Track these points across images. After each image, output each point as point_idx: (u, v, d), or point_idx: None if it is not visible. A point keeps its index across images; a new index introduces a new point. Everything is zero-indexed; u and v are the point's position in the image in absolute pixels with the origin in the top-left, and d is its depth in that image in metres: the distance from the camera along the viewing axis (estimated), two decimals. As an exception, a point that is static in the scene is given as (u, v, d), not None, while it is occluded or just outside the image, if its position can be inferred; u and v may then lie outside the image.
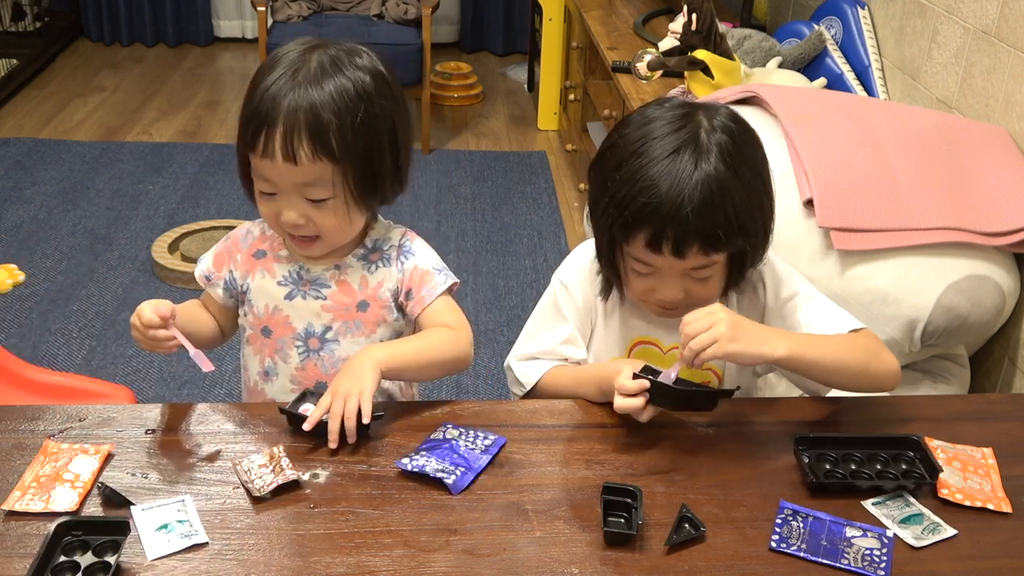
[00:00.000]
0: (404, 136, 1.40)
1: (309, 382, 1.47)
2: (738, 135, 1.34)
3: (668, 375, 1.31)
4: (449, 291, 1.48)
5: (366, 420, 1.29)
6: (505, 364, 1.55)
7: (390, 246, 1.49)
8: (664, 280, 1.37)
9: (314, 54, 1.35)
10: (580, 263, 1.53)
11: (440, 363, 1.44)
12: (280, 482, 1.22)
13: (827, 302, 1.46)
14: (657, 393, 1.31)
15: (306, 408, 1.33)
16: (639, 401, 1.31)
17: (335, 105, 1.31)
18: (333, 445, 1.28)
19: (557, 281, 1.53)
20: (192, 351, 1.33)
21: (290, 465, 1.24)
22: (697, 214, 1.28)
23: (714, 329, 1.26)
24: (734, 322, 1.28)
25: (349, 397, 1.29)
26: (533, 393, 1.49)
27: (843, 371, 1.35)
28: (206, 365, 1.32)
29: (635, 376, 1.31)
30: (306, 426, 1.28)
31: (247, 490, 1.22)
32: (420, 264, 1.48)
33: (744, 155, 1.33)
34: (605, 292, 1.48)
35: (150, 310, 1.32)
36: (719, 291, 1.41)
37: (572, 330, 1.50)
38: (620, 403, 1.32)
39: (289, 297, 1.46)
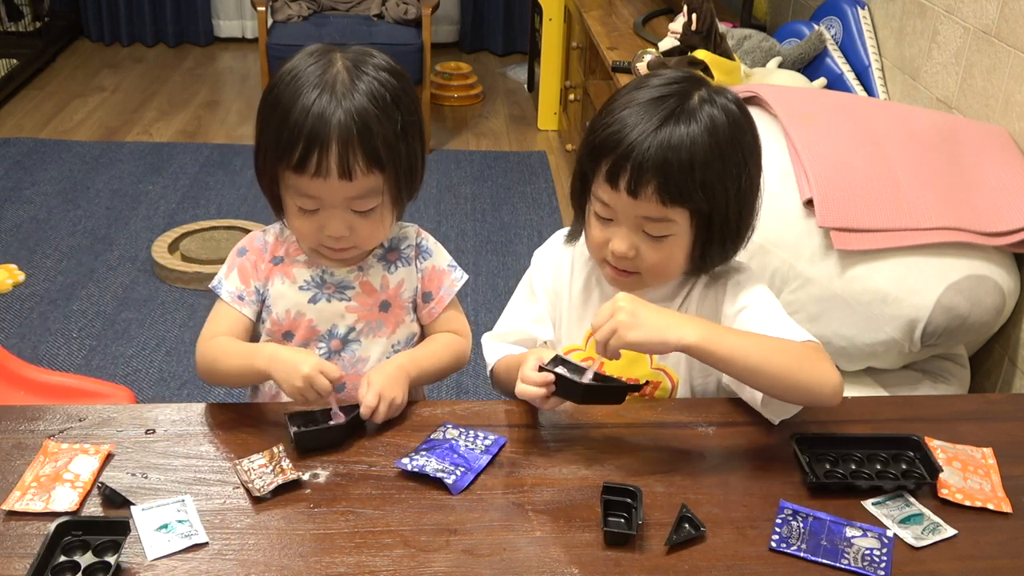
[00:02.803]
0: (424, 130, 1.41)
1: None
2: (735, 117, 1.32)
3: (588, 371, 1.28)
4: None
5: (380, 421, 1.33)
6: (483, 340, 1.55)
7: (407, 245, 1.49)
8: (620, 228, 1.35)
9: (335, 63, 1.34)
10: (553, 249, 1.54)
11: (448, 370, 1.49)
12: (280, 482, 1.22)
13: (781, 315, 1.39)
14: (562, 386, 1.27)
15: (336, 413, 1.32)
16: (539, 391, 1.27)
17: (379, 115, 1.31)
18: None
19: (533, 261, 1.55)
20: (336, 408, 1.32)
21: (291, 465, 1.24)
22: (658, 154, 1.27)
23: (613, 319, 1.22)
24: (633, 310, 1.23)
25: (394, 406, 1.34)
26: (492, 375, 1.51)
27: (763, 371, 1.26)
28: (339, 417, 1.32)
29: (543, 368, 1.27)
30: (365, 414, 1.32)
31: (247, 490, 1.22)
32: (437, 264, 1.51)
33: (734, 135, 1.31)
34: (570, 237, 1.49)
35: (337, 369, 1.30)
36: (677, 266, 1.38)
37: (542, 309, 1.51)
38: (520, 389, 1.29)
39: (313, 300, 1.45)
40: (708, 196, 1.30)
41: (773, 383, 1.28)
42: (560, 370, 1.27)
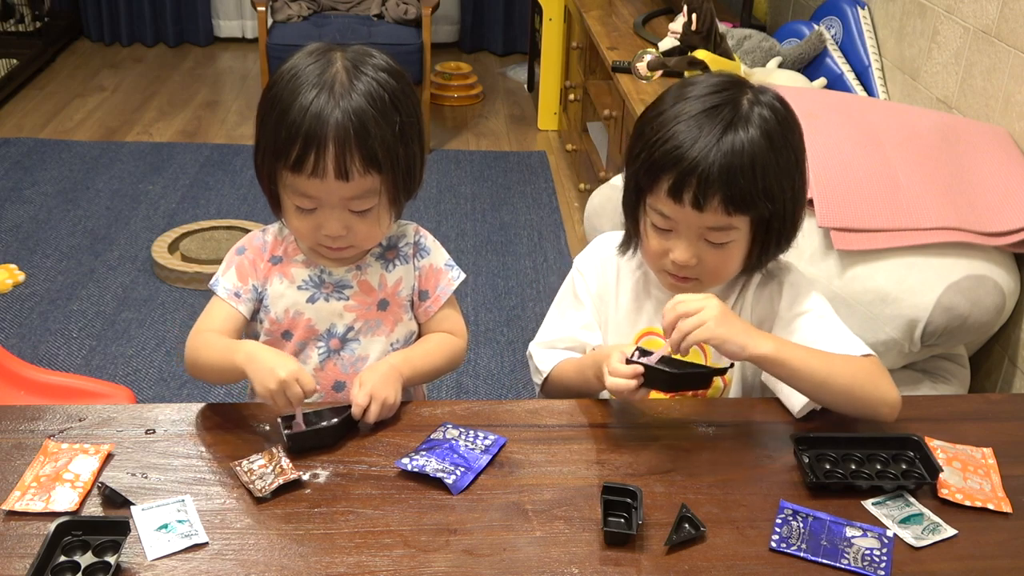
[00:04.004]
0: (424, 131, 1.41)
1: (328, 382, 1.48)
2: (782, 115, 1.34)
3: (653, 356, 1.30)
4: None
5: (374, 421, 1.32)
6: (528, 351, 1.57)
7: (405, 243, 1.50)
8: (680, 239, 1.36)
9: (335, 63, 1.34)
10: (596, 253, 1.55)
11: (443, 370, 1.49)
12: (281, 482, 1.22)
13: (839, 324, 1.43)
14: (649, 375, 1.30)
15: (298, 423, 1.30)
16: (630, 383, 1.29)
17: (377, 116, 1.31)
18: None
19: (575, 267, 1.56)
20: (299, 418, 1.30)
21: (290, 465, 1.24)
22: (723, 165, 1.28)
23: (704, 312, 1.26)
24: (724, 310, 1.28)
25: (386, 406, 1.33)
26: (547, 382, 1.51)
27: (827, 387, 1.32)
28: (299, 427, 1.30)
29: (628, 361, 1.29)
30: (356, 414, 1.32)
31: (248, 491, 1.22)
32: (435, 262, 1.51)
33: (784, 133, 1.33)
34: (624, 247, 1.48)
35: (312, 381, 1.29)
36: (736, 267, 1.40)
37: (589, 315, 1.52)
38: (612, 383, 1.29)
39: (311, 300, 1.45)
40: (770, 200, 1.32)
41: (835, 398, 1.34)
42: (647, 360, 1.30)
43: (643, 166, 1.35)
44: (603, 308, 1.53)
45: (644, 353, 1.32)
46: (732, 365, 1.36)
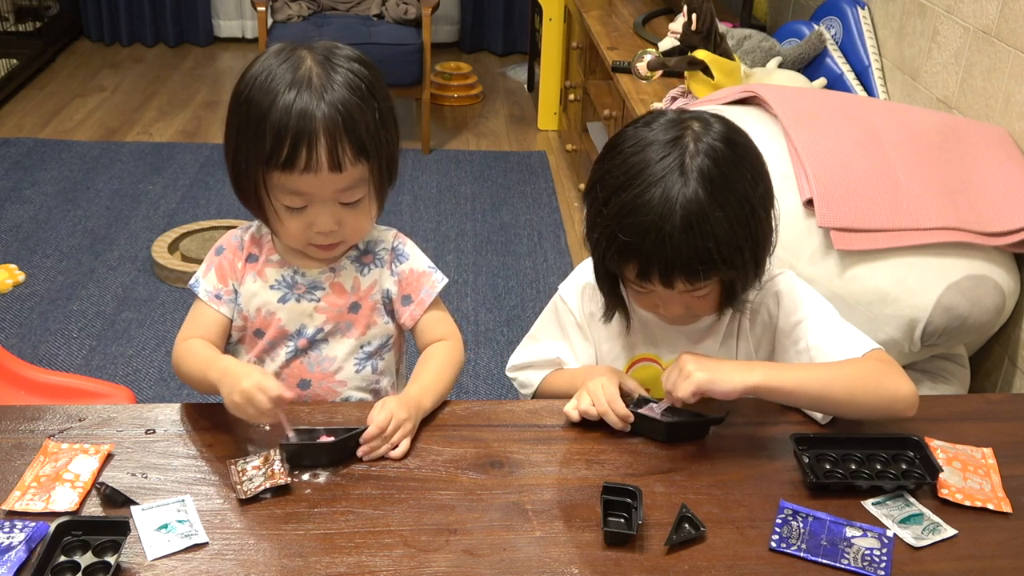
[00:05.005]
0: (397, 117, 1.42)
1: (292, 380, 1.47)
2: (724, 160, 1.29)
3: (652, 407, 1.35)
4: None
5: (396, 455, 1.30)
6: (508, 374, 1.60)
7: (382, 248, 1.49)
8: (663, 299, 1.37)
9: (305, 60, 1.33)
10: (579, 281, 1.54)
11: (455, 381, 1.47)
12: (268, 486, 1.21)
13: (838, 324, 1.43)
14: (644, 424, 1.34)
15: (294, 436, 1.29)
16: (621, 424, 1.34)
17: (360, 104, 1.32)
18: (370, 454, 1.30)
19: (558, 296, 1.56)
20: (290, 433, 1.28)
21: (283, 470, 1.23)
22: (677, 251, 1.26)
23: (683, 370, 1.29)
24: (699, 358, 1.31)
25: (406, 435, 1.31)
26: (536, 395, 1.53)
27: (827, 399, 1.33)
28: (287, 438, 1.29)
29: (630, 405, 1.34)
30: (372, 432, 1.29)
31: (234, 490, 1.21)
32: (415, 267, 1.50)
33: (729, 181, 1.28)
34: (607, 315, 1.47)
35: (277, 387, 1.25)
36: (717, 300, 1.40)
37: (567, 347, 1.53)
38: (608, 418, 1.34)
39: (283, 300, 1.45)
40: (731, 266, 1.31)
41: (838, 408, 1.36)
42: (645, 411, 1.35)
43: (607, 254, 1.34)
44: (591, 335, 1.54)
45: (646, 402, 1.36)
46: (728, 414, 1.35)
